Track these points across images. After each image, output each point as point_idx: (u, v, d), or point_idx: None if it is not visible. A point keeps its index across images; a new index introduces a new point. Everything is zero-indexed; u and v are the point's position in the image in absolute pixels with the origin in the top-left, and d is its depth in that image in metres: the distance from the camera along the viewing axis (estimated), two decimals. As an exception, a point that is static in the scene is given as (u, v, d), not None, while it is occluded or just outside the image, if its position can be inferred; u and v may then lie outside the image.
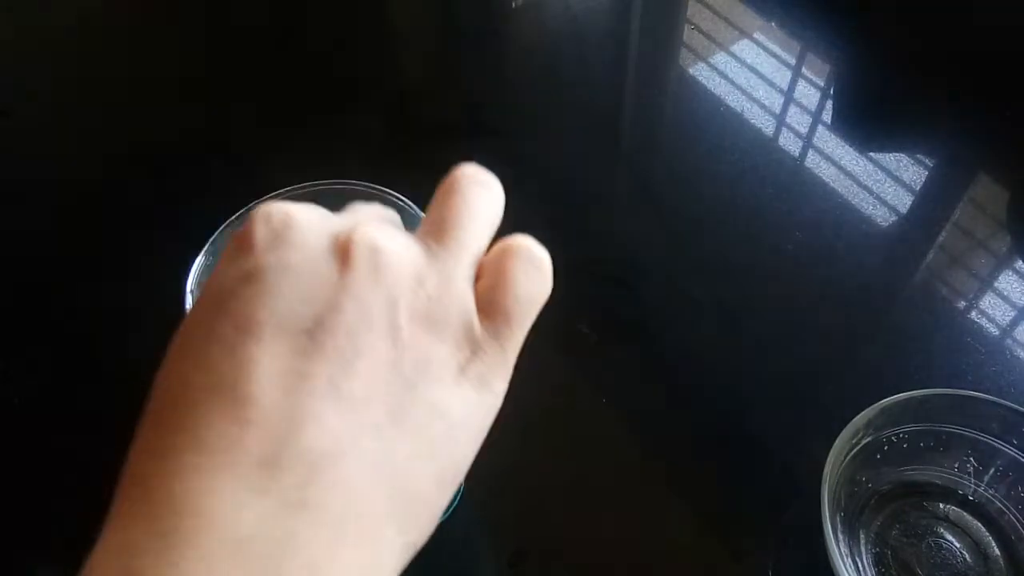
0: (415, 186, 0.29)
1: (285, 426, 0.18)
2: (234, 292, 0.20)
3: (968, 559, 0.43)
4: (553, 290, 0.23)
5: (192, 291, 0.37)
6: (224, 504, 0.17)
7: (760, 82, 0.71)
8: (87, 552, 0.17)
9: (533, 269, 0.22)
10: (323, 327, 0.19)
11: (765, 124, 0.68)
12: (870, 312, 0.57)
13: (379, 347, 0.19)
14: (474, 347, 0.21)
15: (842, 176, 0.64)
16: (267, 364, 0.18)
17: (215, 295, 0.20)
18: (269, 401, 0.18)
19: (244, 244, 0.20)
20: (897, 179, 0.64)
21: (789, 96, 0.71)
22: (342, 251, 0.20)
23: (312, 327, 0.19)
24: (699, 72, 0.73)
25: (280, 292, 0.19)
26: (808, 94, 0.71)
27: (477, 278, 0.22)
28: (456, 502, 0.46)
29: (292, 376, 0.18)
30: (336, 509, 0.18)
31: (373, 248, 0.20)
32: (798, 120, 0.69)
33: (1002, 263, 0.59)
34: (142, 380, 0.21)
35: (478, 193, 0.23)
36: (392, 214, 0.24)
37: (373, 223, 0.21)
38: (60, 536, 0.44)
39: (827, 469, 0.41)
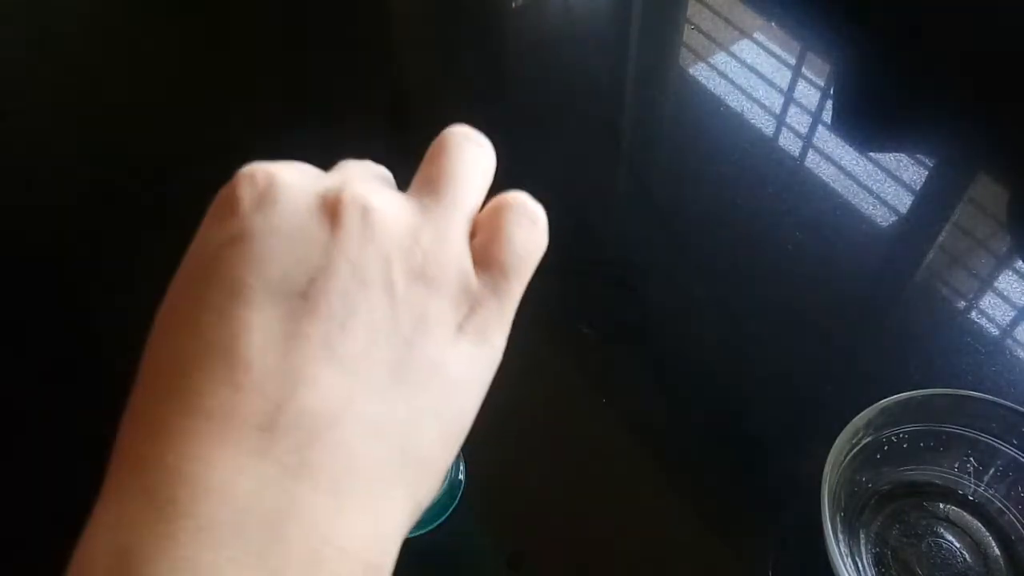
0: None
1: (281, 389, 0.18)
2: (220, 256, 0.19)
3: (968, 559, 0.43)
4: (553, 290, 0.23)
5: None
6: (221, 471, 0.16)
7: (760, 82, 0.71)
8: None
9: (528, 222, 0.22)
10: (316, 288, 0.19)
11: (765, 124, 0.68)
12: (870, 312, 0.57)
13: (375, 306, 0.19)
14: (472, 302, 0.20)
15: (842, 176, 0.64)
16: (260, 327, 0.18)
17: (200, 261, 0.19)
18: (263, 364, 0.18)
19: (228, 206, 0.20)
20: (897, 179, 0.64)
21: (789, 96, 0.71)
22: (331, 210, 0.19)
23: (304, 289, 0.19)
24: (699, 72, 0.73)
25: (269, 255, 0.19)
26: (808, 94, 0.71)
27: (472, 236, 0.22)
28: (456, 502, 0.46)
29: (286, 338, 0.18)
30: (337, 473, 0.17)
31: (364, 206, 0.20)
32: (798, 120, 0.69)
33: (1002, 263, 0.59)
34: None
35: (470, 150, 0.23)
36: (383, 170, 0.24)
37: (363, 181, 0.21)
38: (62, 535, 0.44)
39: (827, 469, 0.41)
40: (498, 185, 0.23)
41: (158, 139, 0.68)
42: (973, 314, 0.56)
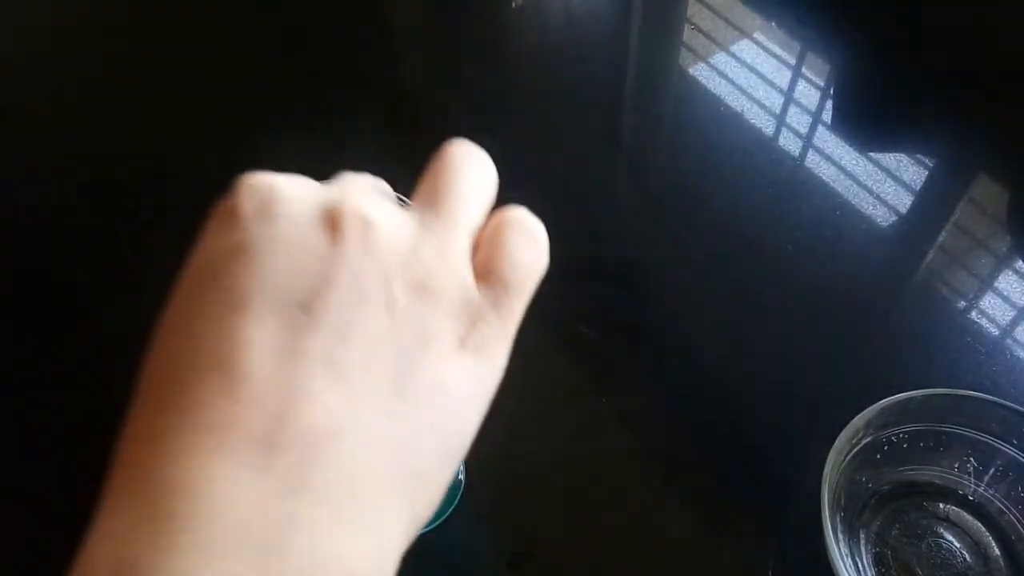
0: (415, 186, 0.29)
1: (281, 403, 0.17)
2: (221, 267, 0.19)
3: (968, 559, 0.43)
4: (553, 290, 0.23)
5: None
6: (221, 485, 0.16)
7: (760, 82, 0.71)
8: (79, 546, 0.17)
9: (529, 239, 0.22)
10: (317, 301, 0.18)
11: (765, 124, 0.68)
12: (870, 312, 0.57)
13: (375, 320, 0.19)
14: (473, 317, 0.20)
15: (842, 176, 0.64)
16: (259, 340, 0.18)
17: (200, 270, 0.19)
18: (263, 377, 0.17)
19: (229, 215, 0.20)
20: (897, 179, 0.64)
21: (789, 96, 0.71)
22: (332, 223, 0.19)
23: (305, 301, 0.18)
24: (699, 72, 0.73)
25: (270, 266, 0.19)
26: (808, 94, 0.71)
27: (473, 252, 0.21)
28: (456, 502, 0.46)
29: (286, 352, 0.18)
30: (337, 488, 0.17)
31: (365, 219, 0.19)
32: (798, 120, 0.69)
33: (1002, 263, 0.59)
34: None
35: (472, 165, 0.22)
36: (382, 183, 0.24)
37: (363, 194, 0.21)
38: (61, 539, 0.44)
39: (827, 469, 0.41)
40: (500, 185, 0.23)
41: (158, 139, 0.68)
42: (973, 314, 0.56)
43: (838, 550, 0.39)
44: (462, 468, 0.47)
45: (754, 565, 0.45)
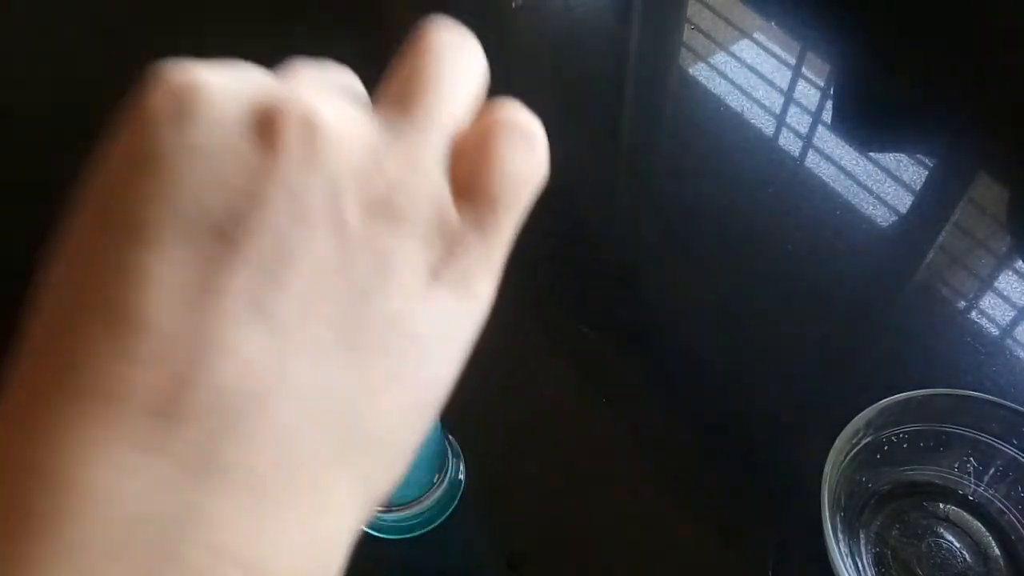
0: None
1: (186, 359, 0.14)
2: (120, 185, 0.15)
3: (968, 559, 0.43)
4: (553, 290, 0.23)
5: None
6: (103, 473, 0.13)
7: (760, 82, 0.71)
8: None
9: (522, 143, 0.18)
10: (240, 226, 0.14)
11: (765, 124, 0.68)
12: (870, 312, 0.57)
13: (318, 248, 0.15)
14: (449, 241, 0.16)
15: (842, 176, 0.64)
16: (164, 277, 0.14)
17: (100, 189, 0.16)
18: (166, 327, 0.14)
19: (134, 117, 0.15)
20: (897, 179, 0.64)
21: (789, 96, 0.71)
22: (266, 126, 0.15)
23: (225, 227, 0.14)
24: (699, 72, 0.73)
25: (181, 182, 0.14)
26: (808, 94, 0.71)
27: (454, 161, 0.17)
28: (456, 502, 0.46)
29: (198, 292, 0.14)
30: (258, 469, 0.14)
31: (308, 120, 0.15)
32: (798, 120, 0.69)
33: (1002, 263, 0.59)
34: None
35: (454, 53, 0.18)
36: (346, 76, 0.19)
37: (313, 89, 0.17)
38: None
39: (827, 469, 0.41)
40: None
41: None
42: (973, 314, 0.56)
43: (838, 550, 0.39)
44: (462, 468, 0.47)
45: (754, 565, 0.45)
